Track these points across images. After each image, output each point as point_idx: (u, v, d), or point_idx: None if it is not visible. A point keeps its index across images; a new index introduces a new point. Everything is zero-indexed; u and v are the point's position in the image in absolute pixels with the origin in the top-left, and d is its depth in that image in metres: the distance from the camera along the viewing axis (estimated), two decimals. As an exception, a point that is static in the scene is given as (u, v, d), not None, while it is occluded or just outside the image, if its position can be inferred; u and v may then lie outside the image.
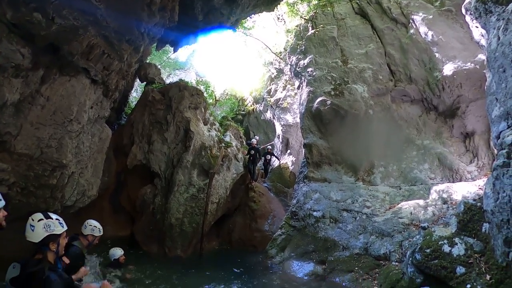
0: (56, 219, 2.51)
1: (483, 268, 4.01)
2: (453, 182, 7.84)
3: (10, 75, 4.20)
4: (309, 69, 10.18)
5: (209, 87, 19.73)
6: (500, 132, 4.13)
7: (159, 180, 10.04)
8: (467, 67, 8.02)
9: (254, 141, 12.47)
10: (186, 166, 9.94)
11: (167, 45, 11.59)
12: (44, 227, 2.35)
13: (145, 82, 11.90)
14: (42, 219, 2.39)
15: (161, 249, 9.00)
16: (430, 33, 8.78)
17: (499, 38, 4.27)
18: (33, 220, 2.37)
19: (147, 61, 12.66)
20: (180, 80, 12.18)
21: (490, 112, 4.45)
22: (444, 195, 6.95)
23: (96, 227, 4.38)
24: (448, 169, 8.21)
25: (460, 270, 4.17)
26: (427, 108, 9.33)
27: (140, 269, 7.06)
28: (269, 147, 16.37)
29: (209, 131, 11.16)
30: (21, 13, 4.09)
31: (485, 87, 4.73)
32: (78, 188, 6.60)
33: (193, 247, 9.35)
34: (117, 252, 6.09)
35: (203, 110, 11.59)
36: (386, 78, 9.60)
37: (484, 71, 5.59)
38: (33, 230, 2.32)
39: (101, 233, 4.48)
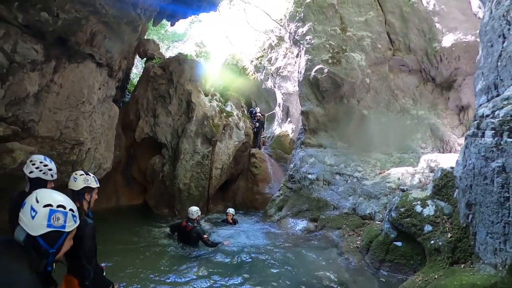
0: (93, 176, 3.15)
1: (447, 228, 4.44)
2: (443, 152, 8.03)
3: (28, 70, 4.73)
4: (308, 37, 9.89)
5: (208, 58, 19.38)
6: (480, 105, 4.09)
7: (166, 150, 10.78)
8: (466, 40, 7.81)
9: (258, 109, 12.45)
10: (190, 135, 10.59)
11: (164, 19, 11.52)
12: (84, 180, 2.98)
13: (145, 58, 11.99)
14: (83, 174, 3.03)
15: (171, 212, 10.04)
16: (432, 1, 8.33)
17: (491, 12, 4.06)
18: (76, 174, 3.03)
19: (145, 37, 12.60)
20: (179, 53, 12.29)
21: (476, 85, 4.34)
22: (432, 164, 7.09)
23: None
24: (439, 140, 8.40)
25: (428, 228, 4.64)
26: (424, 79, 9.27)
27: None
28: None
29: (210, 101, 11.58)
30: (30, 15, 4.50)
31: (476, 61, 4.53)
32: (95, 162, 7.37)
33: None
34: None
35: (203, 82, 11.91)
36: (385, 47, 9.34)
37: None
38: (75, 181, 2.96)
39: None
